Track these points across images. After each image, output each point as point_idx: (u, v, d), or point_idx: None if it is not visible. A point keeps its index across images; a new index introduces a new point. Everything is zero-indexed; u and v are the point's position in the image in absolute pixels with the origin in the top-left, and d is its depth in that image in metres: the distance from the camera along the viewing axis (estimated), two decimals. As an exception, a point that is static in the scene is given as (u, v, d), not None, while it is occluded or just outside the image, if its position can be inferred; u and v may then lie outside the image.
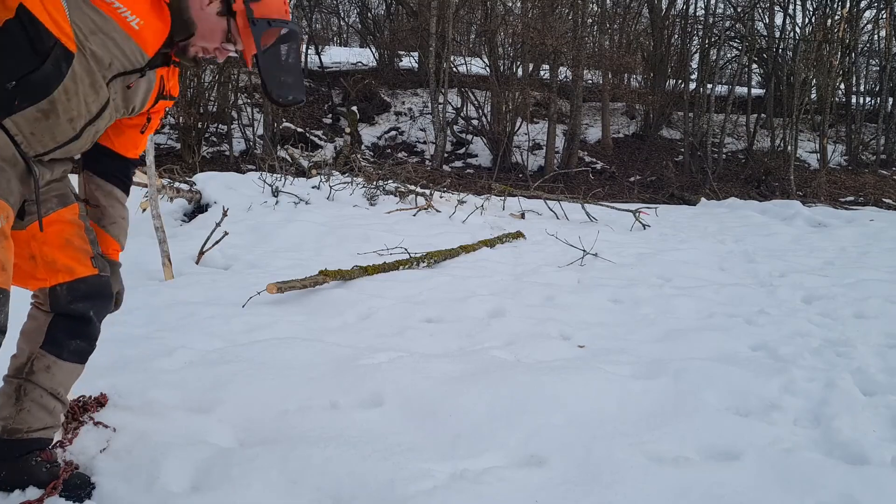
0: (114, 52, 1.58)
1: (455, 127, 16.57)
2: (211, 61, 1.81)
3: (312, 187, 7.76)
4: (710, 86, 16.61)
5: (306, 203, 7.05)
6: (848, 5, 16.13)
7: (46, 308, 1.77)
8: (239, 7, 1.66)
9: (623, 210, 8.80)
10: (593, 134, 17.02)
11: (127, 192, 1.94)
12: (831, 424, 2.31)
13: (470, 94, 15.75)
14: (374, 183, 8.43)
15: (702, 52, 17.40)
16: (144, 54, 1.64)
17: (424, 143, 16.48)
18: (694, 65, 17.87)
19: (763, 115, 16.81)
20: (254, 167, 11.87)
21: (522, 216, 8.42)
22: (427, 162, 15.38)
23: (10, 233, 1.50)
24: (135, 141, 1.86)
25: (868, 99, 17.80)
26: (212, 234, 4.87)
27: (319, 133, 15.92)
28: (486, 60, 15.53)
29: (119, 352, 2.81)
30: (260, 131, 14.78)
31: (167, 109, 1.99)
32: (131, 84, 1.66)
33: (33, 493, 1.72)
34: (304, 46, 19.40)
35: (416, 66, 18.59)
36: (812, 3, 16.36)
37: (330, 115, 16.88)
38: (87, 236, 1.78)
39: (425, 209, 7.78)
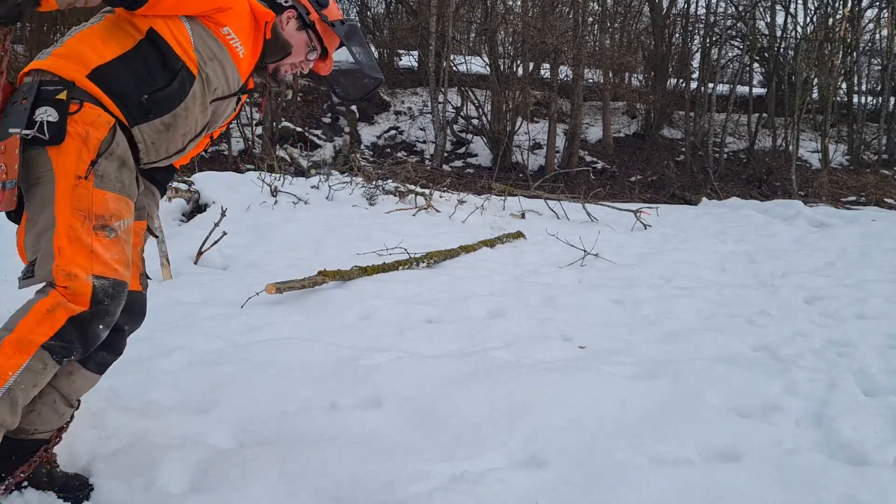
0: (220, 78, 1.79)
1: (455, 126, 16.56)
2: (282, 81, 2.05)
3: (311, 187, 7.75)
4: (711, 85, 16.59)
5: (305, 203, 7.04)
6: (850, 4, 16.11)
7: None
8: (315, 17, 1.94)
9: (624, 210, 8.79)
10: (594, 133, 17.00)
11: (163, 196, 2.09)
12: (833, 425, 2.30)
13: (470, 94, 15.74)
14: (374, 183, 8.42)
15: (703, 52, 17.37)
16: (240, 80, 1.85)
17: (424, 142, 16.47)
18: (695, 64, 17.85)
19: (764, 114, 16.79)
20: (253, 167, 11.87)
21: (523, 216, 8.40)
22: (427, 161, 15.37)
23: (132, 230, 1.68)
24: (190, 155, 1.98)
25: (870, 98, 17.78)
26: (210, 234, 4.87)
27: (319, 132, 15.91)
28: (486, 59, 15.52)
29: (118, 352, 2.81)
30: (259, 131, 14.78)
31: None
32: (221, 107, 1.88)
33: (32, 495, 1.71)
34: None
35: (416, 65, 18.57)
36: (814, 3, 16.34)
37: (329, 115, 16.87)
38: (142, 254, 1.94)
39: (425, 209, 7.77)
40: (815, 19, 16.22)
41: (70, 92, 1.57)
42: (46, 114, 1.53)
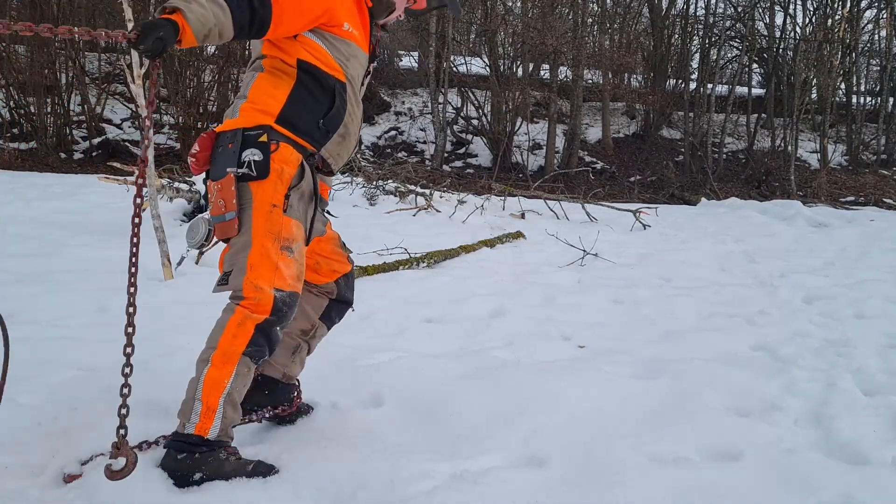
0: (358, 68, 2.04)
1: (455, 127, 16.56)
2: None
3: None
4: (710, 86, 16.60)
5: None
6: (848, 5, 16.12)
7: (329, 295, 2.25)
8: None
9: (623, 210, 8.79)
10: (593, 134, 17.01)
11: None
12: (832, 425, 2.31)
13: (470, 94, 15.74)
14: (374, 183, 8.42)
15: (702, 52, 17.39)
16: (366, 56, 2.09)
17: (424, 142, 16.47)
18: (694, 65, 17.86)
19: (763, 115, 16.80)
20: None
21: (522, 216, 8.41)
22: (427, 162, 15.37)
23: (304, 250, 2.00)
24: None
25: (868, 99, 17.79)
26: (212, 233, 4.87)
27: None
28: (486, 60, 15.52)
29: (119, 352, 2.80)
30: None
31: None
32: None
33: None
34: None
35: (416, 65, 18.57)
36: (812, 3, 16.36)
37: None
38: (342, 244, 2.30)
39: (425, 209, 7.77)
40: (813, 20, 16.24)
41: (269, 135, 1.89)
42: (253, 154, 1.86)
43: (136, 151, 14.01)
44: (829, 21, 15.88)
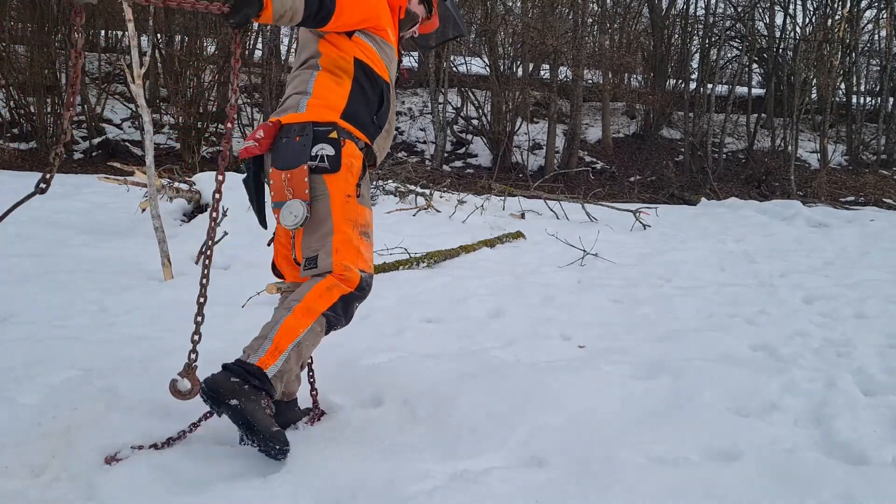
0: (394, 71, 2.27)
1: (455, 127, 16.56)
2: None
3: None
4: (710, 86, 16.60)
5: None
6: (848, 5, 16.12)
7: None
8: None
9: (623, 210, 8.79)
10: (593, 134, 17.01)
11: None
12: (832, 424, 2.31)
13: (470, 94, 15.74)
14: (374, 183, 8.42)
15: (702, 52, 17.39)
16: (397, 62, 2.33)
17: (424, 142, 16.47)
18: (694, 65, 17.86)
19: (763, 114, 16.80)
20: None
21: (522, 216, 8.41)
22: (427, 162, 15.37)
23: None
24: None
25: (868, 99, 17.79)
26: (212, 233, 4.87)
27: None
28: (486, 60, 15.52)
29: (119, 352, 2.81)
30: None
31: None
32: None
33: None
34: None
35: (416, 65, 18.57)
36: (812, 3, 16.36)
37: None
38: None
39: (425, 209, 7.77)
40: (813, 20, 16.24)
41: (337, 131, 2.05)
42: (324, 150, 2.02)
43: (136, 151, 14.02)
44: (829, 21, 15.88)
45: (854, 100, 16.86)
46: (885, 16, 16.49)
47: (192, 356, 1.87)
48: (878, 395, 2.63)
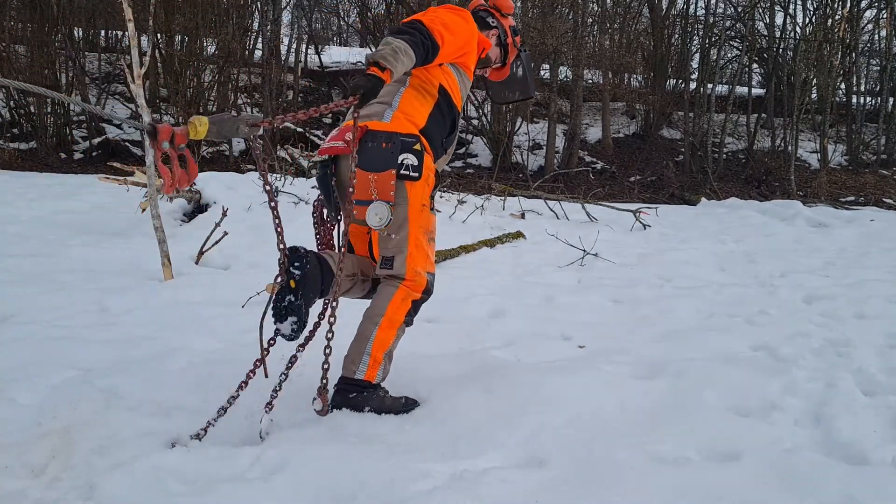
0: (464, 100, 2.56)
1: (455, 127, 16.54)
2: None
3: (312, 187, 7.74)
4: (710, 86, 16.59)
5: (306, 203, 7.04)
6: (848, 5, 16.11)
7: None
8: (510, 41, 2.81)
9: (623, 210, 8.79)
10: (593, 134, 17.01)
11: None
12: (832, 425, 2.31)
13: (470, 94, 15.74)
14: (375, 183, 8.41)
15: (702, 52, 17.39)
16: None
17: (424, 142, 16.45)
18: (694, 64, 17.86)
19: (763, 114, 16.80)
20: (253, 167, 11.86)
21: (522, 216, 8.41)
22: (427, 162, 15.35)
23: None
24: None
25: (868, 99, 17.79)
26: (211, 233, 4.87)
27: (319, 133, 15.91)
28: (486, 60, 15.50)
29: (119, 352, 2.81)
30: (260, 131, 14.76)
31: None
32: None
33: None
34: (305, 46, 19.40)
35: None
36: (812, 3, 16.35)
37: (330, 115, 16.87)
38: None
39: (425, 209, 7.75)
40: (813, 20, 16.23)
41: (420, 145, 2.29)
42: (409, 159, 2.25)
43: (136, 151, 14.02)
44: (829, 21, 15.87)
45: (854, 100, 16.86)
46: (885, 16, 16.49)
47: (324, 381, 2.17)
48: (878, 395, 2.63)
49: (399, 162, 2.23)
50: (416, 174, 2.26)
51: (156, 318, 3.43)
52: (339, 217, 2.44)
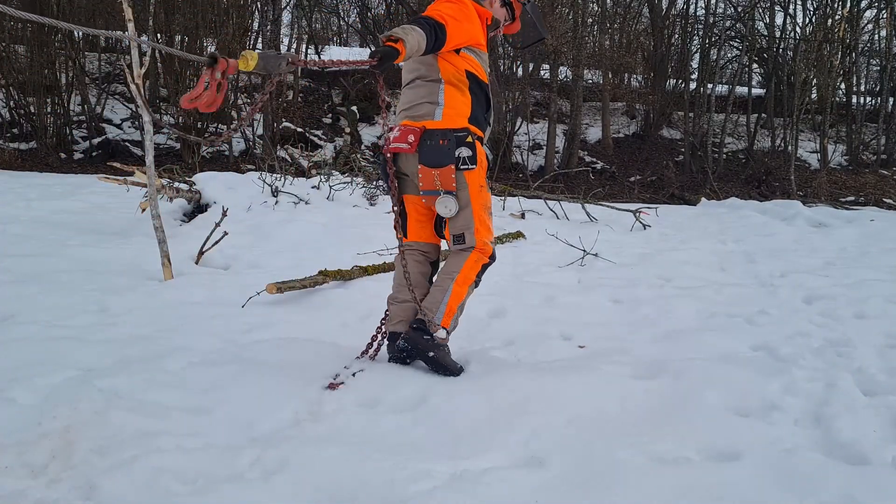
0: (487, 69, 2.86)
1: (455, 127, 16.54)
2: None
3: (312, 187, 7.75)
4: (710, 86, 16.60)
5: (306, 203, 7.04)
6: (848, 5, 16.12)
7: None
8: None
9: (623, 210, 8.79)
10: (593, 134, 17.01)
11: None
12: (832, 425, 2.30)
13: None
14: (374, 183, 8.41)
15: (702, 52, 17.39)
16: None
17: (424, 142, 16.45)
18: (694, 64, 17.87)
19: (763, 114, 16.80)
20: (253, 167, 11.87)
21: (522, 216, 8.41)
22: (427, 162, 15.35)
23: None
24: None
25: (868, 99, 17.79)
26: (211, 233, 4.87)
27: (319, 133, 15.92)
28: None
29: (119, 352, 2.81)
30: (260, 131, 14.78)
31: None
32: None
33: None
34: (305, 46, 19.39)
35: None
36: (812, 3, 16.35)
37: (330, 115, 16.87)
38: None
39: (425, 209, 7.74)
40: (813, 20, 16.24)
41: (470, 136, 2.68)
42: (464, 152, 2.66)
43: (136, 151, 14.02)
44: (829, 21, 15.88)
45: (854, 100, 16.86)
46: (885, 16, 16.49)
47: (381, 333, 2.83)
48: (878, 395, 2.62)
49: (456, 156, 2.62)
50: (473, 164, 2.66)
51: (156, 318, 3.43)
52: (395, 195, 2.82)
